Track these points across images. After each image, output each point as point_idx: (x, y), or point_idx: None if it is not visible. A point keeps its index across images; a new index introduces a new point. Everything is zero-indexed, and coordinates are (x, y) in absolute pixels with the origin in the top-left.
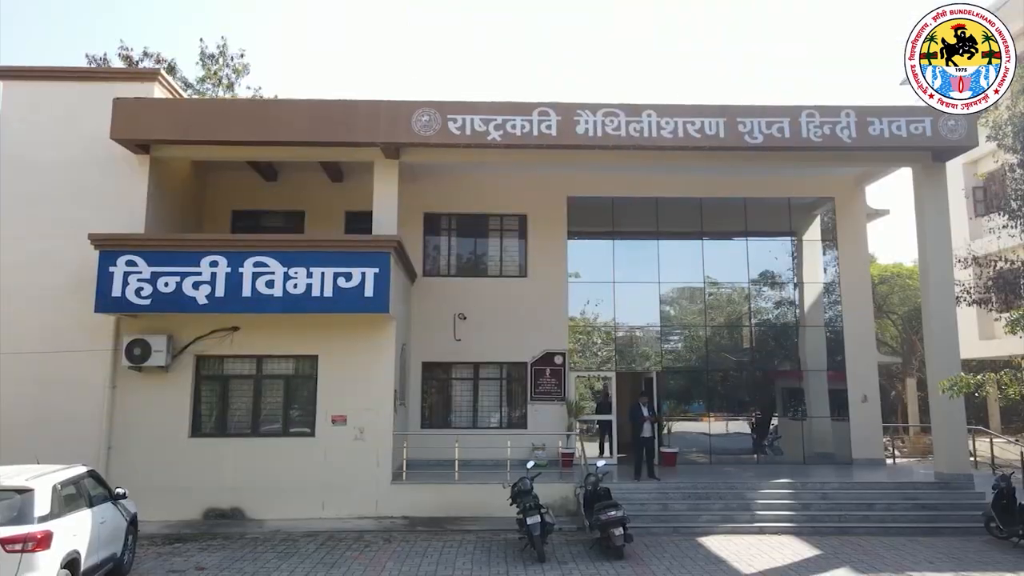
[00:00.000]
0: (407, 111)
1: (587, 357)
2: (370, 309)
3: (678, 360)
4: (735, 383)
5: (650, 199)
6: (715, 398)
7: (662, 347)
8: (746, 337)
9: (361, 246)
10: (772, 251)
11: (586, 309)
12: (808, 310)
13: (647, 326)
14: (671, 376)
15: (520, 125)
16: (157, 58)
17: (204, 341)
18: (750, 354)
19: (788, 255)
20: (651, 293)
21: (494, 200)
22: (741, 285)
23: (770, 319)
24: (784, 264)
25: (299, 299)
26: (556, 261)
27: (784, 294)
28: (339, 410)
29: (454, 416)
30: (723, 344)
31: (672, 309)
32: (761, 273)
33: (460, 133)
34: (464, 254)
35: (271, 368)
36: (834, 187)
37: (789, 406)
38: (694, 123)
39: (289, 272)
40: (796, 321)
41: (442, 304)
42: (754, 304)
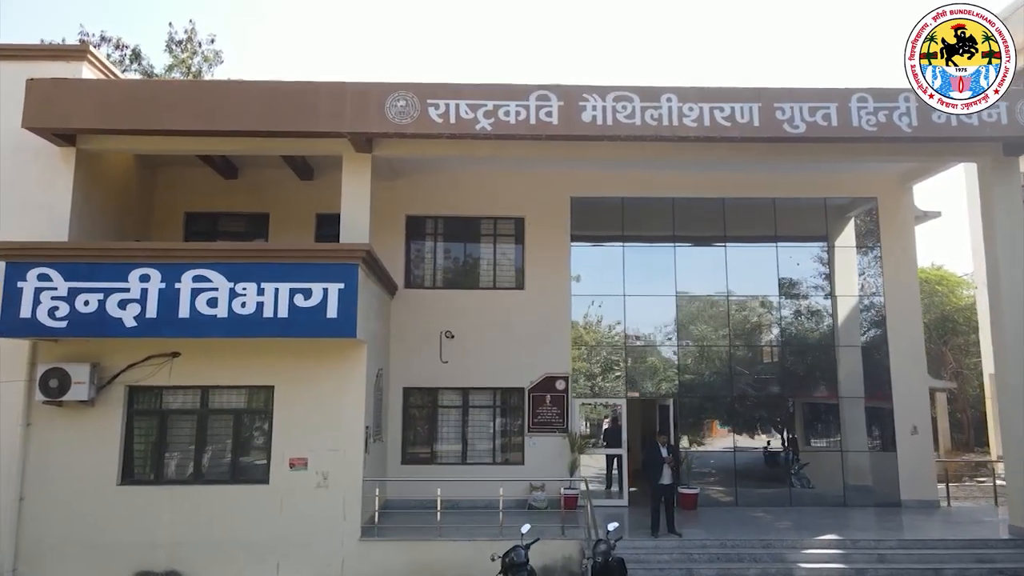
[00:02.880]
0: (379, 95)
1: (593, 381)
2: (333, 333)
3: (697, 383)
4: (760, 407)
5: (665, 200)
6: (739, 423)
7: (679, 368)
8: (773, 356)
9: (323, 257)
10: (805, 258)
11: (592, 325)
12: (846, 326)
13: (661, 345)
14: (689, 400)
15: (515, 112)
16: (117, 43)
17: (138, 369)
18: (778, 376)
19: (823, 263)
20: (666, 306)
21: (486, 201)
22: (769, 297)
23: (801, 336)
24: (818, 273)
25: (248, 321)
26: (558, 271)
27: (818, 307)
28: (299, 452)
29: (440, 449)
30: (748, 364)
31: (691, 325)
32: (792, 283)
33: (443, 121)
34: (452, 263)
35: (218, 401)
36: (877, 185)
37: (822, 434)
38: (723, 109)
39: (236, 288)
40: (832, 338)
41: (427, 321)
42: (784, 319)
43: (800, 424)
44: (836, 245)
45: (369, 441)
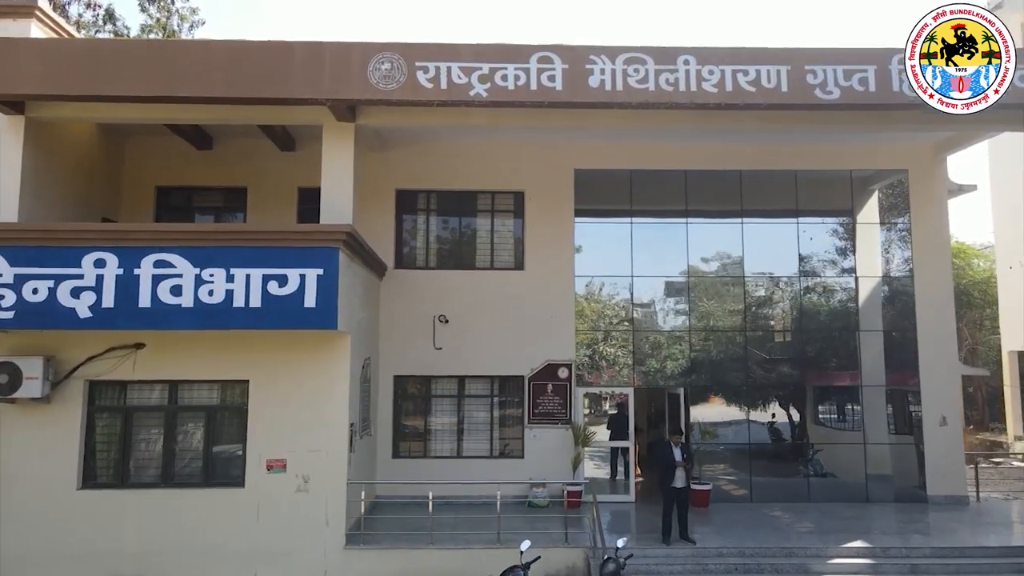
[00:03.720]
0: (361, 57)
1: (598, 367)
2: (312, 324)
3: (712, 369)
4: (775, 392)
5: (677, 172)
6: (755, 408)
7: (691, 354)
8: (790, 339)
9: (299, 239)
10: (827, 234)
11: (597, 308)
12: (870, 307)
13: (673, 330)
14: (701, 387)
15: (514, 76)
16: (89, 2)
17: (98, 363)
18: (795, 359)
19: (846, 239)
20: (678, 287)
21: (483, 174)
22: (787, 277)
23: (821, 317)
24: (840, 250)
25: (216, 311)
26: (560, 249)
27: (839, 286)
28: (277, 452)
29: (434, 443)
30: (764, 347)
31: (704, 305)
32: (811, 261)
33: (433, 86)
34: (446, 241)
35: (189, 397)
36: (909, 156)
37: (841, 423)
38: (747, 72)
39: (202, 274)
40: (853, 320)
41: (419, 304)
42: (803, 299)
43: (816, 411)
44: (859, 221)
45: (355, 439)
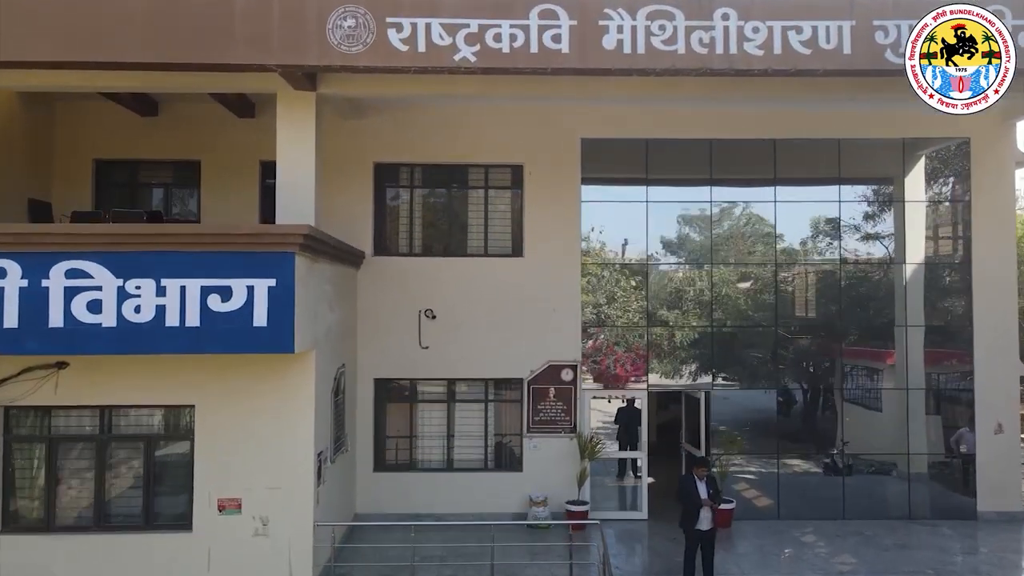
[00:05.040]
0: (319, 11)
1: (605, 361)
2: (263, 347)
3: (736, 366)
4: (807, 392)
5: (701, 142)
6: (784, 412)
7: (714, 351)
8: (827, 334)
9: (245, 243)
10: (870, 210)
11: (605, 296)
12: (917, 295)
13: (697, 326)
14: (724, 388)
15: (509, 35)
16: None
17: (13, 386)
18: (828, 350)
19: (891, 215)
20: (700, 273)
21: (476, 144)
22: (825, 260)
23: (862, 305)
24: (884, 232)
25: (144, 331)
26: (565, 231)
27: (885, 271)
28: (230, 490)
29: (421, 453)
30: (797, 346)
31: (732, 296)
32: (854, 241)
33: (408, 48)
34: (433, 224)
35: (124, 424)
36: (971, 122)
37: (880, 431)
38: (801, 30)
39: (127, 287)
40: (897, 308)
41: (402, 296)
42: (844, 287)
43: (852, 414)
44: (908, 198)
45: (324, 468)
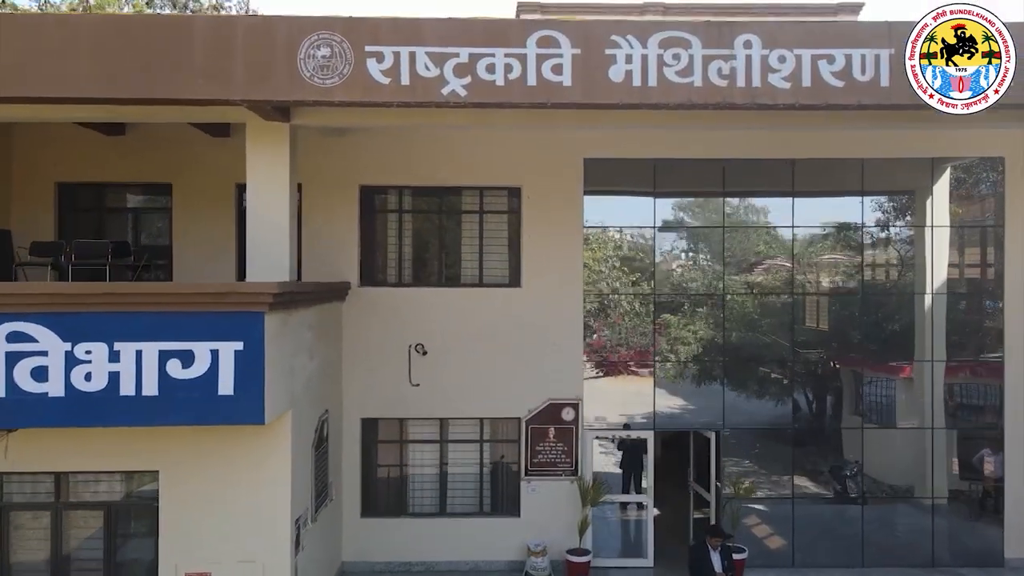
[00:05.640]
0: (288, 38)
1: (606, 404)
2: (230, 418)
3: (754, 409)
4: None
5: (714, 162)
6: (801, 449)
7: (724, 388)
8: (844, 369)
9: (209, 303)
10: (896, 226)
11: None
12: (940, 326)
13: (706, 358)
14: (736, 431)
15: (504, 66)
16: None
17: None
18: (852, 391)
19: (913, 240)
20: (712, 302)
21: (470, 165)
22: (846, 287)
23: (882, 328)
24: (905, 259)
25: (96, 401)
26: (565, 260)
27: (907, 296)
28: (198, 563)
29: (412, 498)
30: (811, 367)
31: (746, 316)
32: (875, 267)
33: (390, 81)
34: (424, 251)
35: (81, 491)
36: (1005, 142)
37: (899, 469)
38: (833, 59)
39: (76, 351)
40: (918, 336)
41: (391, 330)
42: (864, 318)
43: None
44: (936, 224)
45: (304, 531)
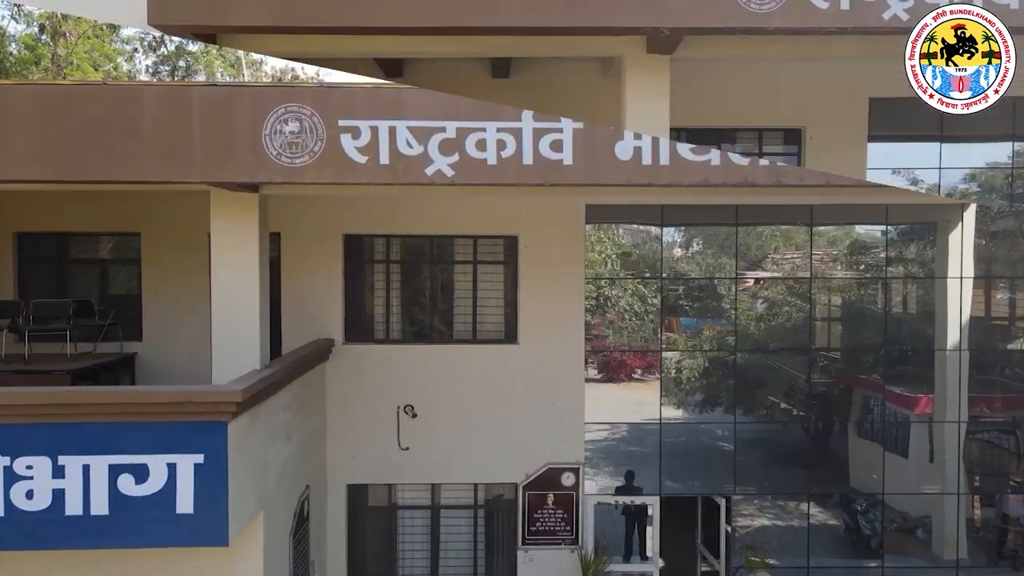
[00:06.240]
0: (252, 112)
1: (611, 461)
2: (190, 539)
3: (758, 471)
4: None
5: (726, 208)
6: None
7: (736, 433)
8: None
9: (164, 412)
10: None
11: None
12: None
13: (710, 422)
14: (746, 493)
15: (496, 143)
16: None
17: None
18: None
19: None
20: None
21: (462, 213)
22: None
23: (903, 363)
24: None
25: (39, 522)
26: (566, 314)
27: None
28: None
29: (401, 569)
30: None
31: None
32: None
33: (368, 160)
34: (413, 305)
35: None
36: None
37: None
38: None
39: (15, 467)
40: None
41: (378, 390)
42: (884, 345)
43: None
44: (963, 254)
45: None
